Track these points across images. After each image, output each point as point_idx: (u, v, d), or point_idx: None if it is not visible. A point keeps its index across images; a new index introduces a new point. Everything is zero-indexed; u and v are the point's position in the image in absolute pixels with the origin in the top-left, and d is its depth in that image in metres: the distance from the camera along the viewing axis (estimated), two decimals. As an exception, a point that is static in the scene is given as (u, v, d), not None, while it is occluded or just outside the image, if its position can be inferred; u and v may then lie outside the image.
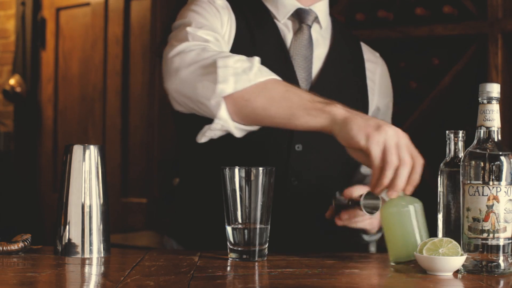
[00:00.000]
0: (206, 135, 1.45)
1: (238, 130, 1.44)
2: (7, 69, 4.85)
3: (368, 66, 1.83)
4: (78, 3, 4.47)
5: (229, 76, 1.39)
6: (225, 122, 1.41)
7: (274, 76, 1.43)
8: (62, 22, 4.57)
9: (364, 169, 1.82)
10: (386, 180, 1.30)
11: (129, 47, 4.21)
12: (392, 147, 1.30)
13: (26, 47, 4.64)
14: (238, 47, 1.65)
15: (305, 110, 1.37)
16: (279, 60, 1.68)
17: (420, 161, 1.33)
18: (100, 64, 4.34)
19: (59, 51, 4.58)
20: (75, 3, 4.48)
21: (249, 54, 1.62)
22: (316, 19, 1.75)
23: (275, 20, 1.73)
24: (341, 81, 1.75)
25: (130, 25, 4.23)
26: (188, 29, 1.54)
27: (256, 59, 1.44)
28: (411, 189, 1.33)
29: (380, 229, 1.71)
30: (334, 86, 1.72)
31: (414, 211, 1.34)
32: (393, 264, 1.33)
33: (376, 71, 1.84)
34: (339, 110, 1.36)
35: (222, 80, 1.38)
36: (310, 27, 1.73)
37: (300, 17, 1.72)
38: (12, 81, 4.63)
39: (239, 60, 1.42)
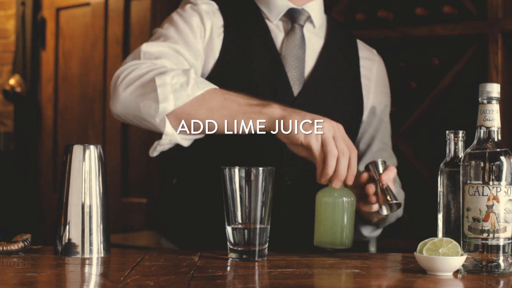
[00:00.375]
0: (157, 150, 1.53)
1: (185, 141, 1.52)
2: (7, 69, 4.85)
3: (364, 63, 1.82)
4: (78, 3, 4.47)
5: (169, 94, 1.45)
6: (172, 136, 1.49)
7: (211, 86, 1.49)
8: (62, 22, 4.57)
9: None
10: (330, 169, 1.40)
11: (129, 47, 4.21)
12: (329, 138, 1.39)
13: (26, 47, 4.64)
14: (227, 50, 1.67)
15: (244, 115, 1.44)
16: (269, 61, 1.68)
17: (355, 152, 1.42)
18: (100, 64, 4.34)
19: (59, 51, 4.58)
20: (75, 3, 4.48)
21: (238, 56, 1.65)
22: (308, 19, 1.75)
23: (267, 21, 1.74)
24: (334, 80, 1.74)
25: (130, 25, 4.23)
26: (143, 46, 1.59)
27: (192, 71, 1.50)
28: (351, 178, 1.42)
29: (380, 226, 1.71)
30: (327, 85, 1.72)
31: (347, 203, 1.44)
32: (316, 245, 1.46)
33: (372, 69, 1.84)
34: (276, 110, 1.43)
35: (163, 99, 1.45)
36: (302, 26, 1.73)
37: (292, 17, 1.73)
38: (12, 81, 4.63)
39: (176, 75, 1.47)
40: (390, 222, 1.76)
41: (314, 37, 1.76)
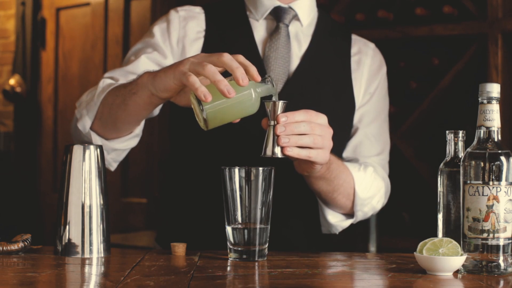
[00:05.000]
0: (109, 164, 1.68)
1: (120, 145, 1.62)
2: (7, 69, 4.85)
3: (356, 59, 1.79)
4: (78, 3, 4.47)
5: (83, 110, 1.58)
6: (105, 145, 1.58)
7: (115, 85, 1.57)
8: (62, 22, 4.56)
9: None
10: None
11: (129, 47, 4.21)
12: (194, 63, 1.33)
13: (26, 47, 4.64)
14: (208, 50, 1.68)
15: (138, 86, 1.45)
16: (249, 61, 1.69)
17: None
18: (100, 64, 4.34)
19: (59, 51, 4.58)
20: (75, 3, 4.48)
21: None
22: (295, 17, 1.74)
23: (253, 20, 1.74)
24: (320, 78, 1.73)
25: (130, 25, 4.23)
26: (106, 75, 1.68)
27: (104, 81, 1.62)
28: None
29: (348, 217, 1.70)
30: (311, 84, 1.70)
31: (254, 97, 1.33)
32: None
33: (365, 62, 1.80)
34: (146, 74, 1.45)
35: (79, 117, 1.59)
36: (287, 26, 1.72)
37: (277, 16, 1.72)
38: (12, 81, 4.63)
39: (91, 90, 1.61)
40: (354, 220, 1.71)
41: (302, 36, 1.75)
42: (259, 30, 1.73)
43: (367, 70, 1.80)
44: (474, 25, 2.49)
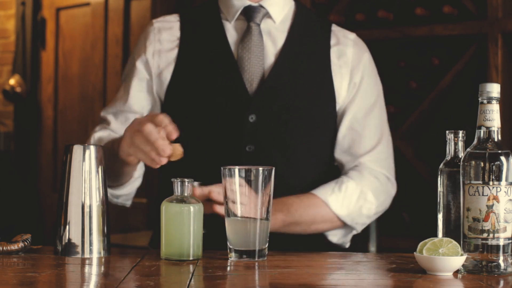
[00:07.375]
0: (122, 203, 1.77)
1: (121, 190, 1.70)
2: (7, 69, 4.84)
3: (336, 50, 1.75)
4: (78, 3, 4.47)
5: None
6: (112, 194, 1.69)
7: (102, 142, 1.65)
8: (62, 22, 4.56)
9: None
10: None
11: (129, 47, 4.21)
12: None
13: (26, 47, 4.64)
14: (183, 59, 1.72)
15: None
16: (223, 65, 1.70)
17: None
18: (100, 64, 4.34)
19: (59, 51, 4.58)
20: (75, 3, 4.48)
21: (194, 63, 1.72)
22: (266, 15, 1.73)
23: (226, 22, 1.74)
24: (299, 73, 1.71)
25: (130, 25, 4.23)
26: (101, 113, 1.78)
27: (101, 115, 1.77)
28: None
29: (348, 231, 1.71)
30: (290, 80, 1.70)
31: (194, 212, 1.36)
32: (164, 259, 1.36)
33: (346, 53, 1.75)
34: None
35: None
36: (258, 25, 1.72)
37: (248, 16, 1.72)
38: (12, 81, 4.62)
39: None
40: (357, 231, 1.72)
41: (275, 33, 1.74)
42: (232, 31, 1.73)
43: (350, 61, 1.75)
44: (474, 25, 2.49)
